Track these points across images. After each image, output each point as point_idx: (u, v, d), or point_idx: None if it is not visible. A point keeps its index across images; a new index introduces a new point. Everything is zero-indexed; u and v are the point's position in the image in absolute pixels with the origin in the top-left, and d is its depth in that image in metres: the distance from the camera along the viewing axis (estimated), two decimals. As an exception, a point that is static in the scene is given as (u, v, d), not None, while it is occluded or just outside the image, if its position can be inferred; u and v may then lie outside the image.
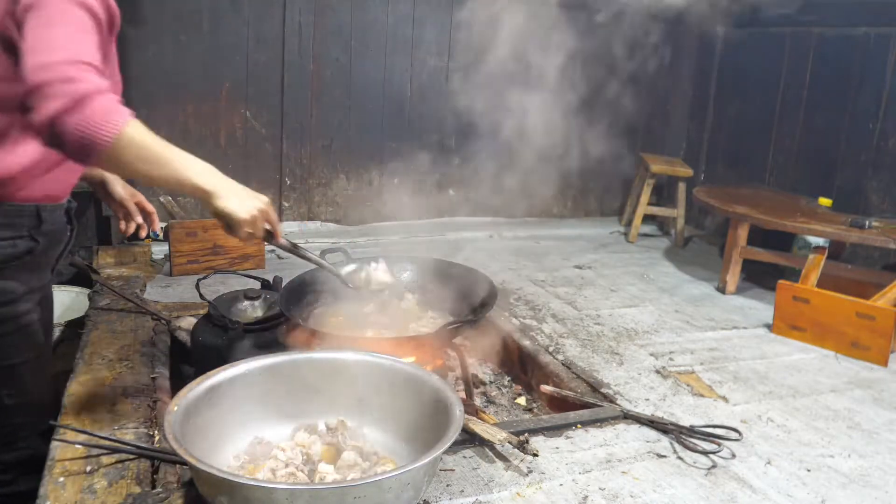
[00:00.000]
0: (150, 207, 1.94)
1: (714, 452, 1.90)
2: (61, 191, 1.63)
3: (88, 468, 1.57)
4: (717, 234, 4.50)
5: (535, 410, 2.44)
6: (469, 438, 1.82)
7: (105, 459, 1.60)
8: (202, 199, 1.45)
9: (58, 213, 1.63)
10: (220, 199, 1.44)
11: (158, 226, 1.95)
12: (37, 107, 1.25)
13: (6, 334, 1.55)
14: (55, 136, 1.27)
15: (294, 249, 1.73)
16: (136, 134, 1.32)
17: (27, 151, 1.47)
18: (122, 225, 1.92)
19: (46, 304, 1.75)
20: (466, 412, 1.69)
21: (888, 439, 2.10)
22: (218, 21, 3.76)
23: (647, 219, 4.55)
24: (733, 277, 3.45)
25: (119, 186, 1.89)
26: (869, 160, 3.70)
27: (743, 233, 3.40)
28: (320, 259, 1.87)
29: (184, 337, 2.45)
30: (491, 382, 2.61)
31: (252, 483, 1.28)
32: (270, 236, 1.59)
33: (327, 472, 1.46)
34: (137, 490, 1.51)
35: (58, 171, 1.57)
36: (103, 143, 1.27)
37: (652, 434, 2.01)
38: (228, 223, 1.47)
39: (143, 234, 1.95)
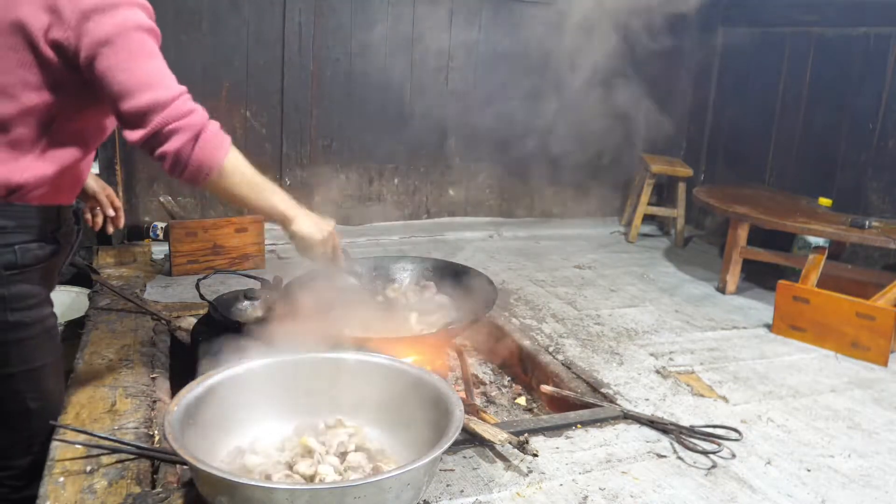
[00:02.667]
0: (117, 202, 1.95)
1: (714, 452, 1.90)
2: (75, 192, 1.64)
3: (88, 468, 1.57)
4: (717, 234, 4.50)
5: (535, 410, 2.44)
6: (469, 438, 1.82)
7: (105, 459, 1.60)
8: (283, 223, 1.65)
9: (69, 214, 1.64)
10: (300, 223, 1.66)
11: (122, 222, 1.96)
12: (162, 144, 1.41)
13: (33, 337, 1.55)
14: (178, 166, 1.43)
15: (350, 271, 1.96)
16: (237, 161, 1.51)
17: (57, 158, 1.49)
18: (89, 218, 1.92)
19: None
20: (466, 412, 1.69)
21: (888, 439, 2.10)
22: (218, 21, 3.76)
23: (647, 219, 4.55)
24: (733, 277, 3.45)
25: (91, 179, 1.89)
26: (869, 160, 3.70)
27: (743, 233, 3.40)
28: (369, 286, 2.09)
29: (184, 337, 2.45)
30: (491, 382, 2.61)
31: (252, 483, 1.28)
32: (335, 255, 1.78)
33: (327, 473, 1.46)
34: (137, 490, 1.51)
35: (75, 171, 1.58)
36: (216, 169, 1.46)
37: (652, 434, 2.01)
38: (306, 244, 1.68)
39: (110, 229, 1.95)
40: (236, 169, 1.50)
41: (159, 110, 1.40)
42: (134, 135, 1.42)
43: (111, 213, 1.92)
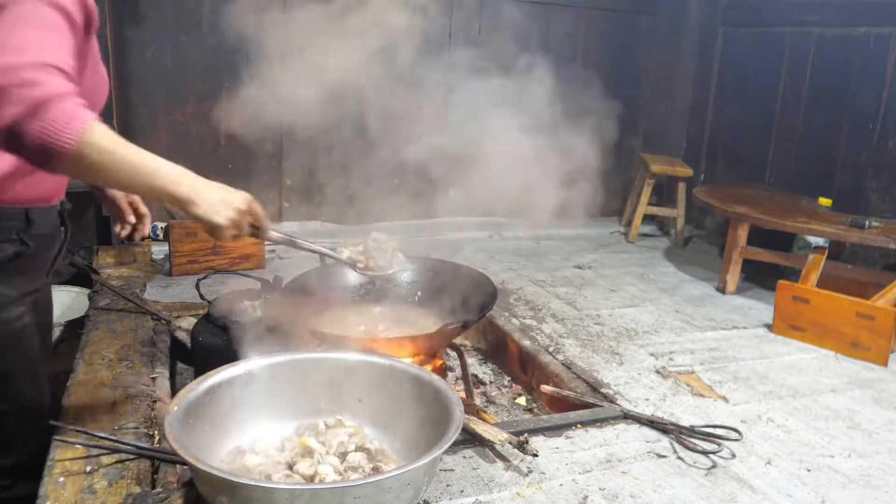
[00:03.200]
0: (143, 209, 1.88)
1: (714, 452, 1.90)
2: (52, 192, 1.59)
3: (88, 468, 1.57)
4: (717, 234, 4.50)
5: (535, 410, 2.44)
6: (469, 438, 1.82)
7: (105, 459, 1.60)
8: (178, 207, 1.38)
9: (50, 214, 1.60)
10: (194, 207, 1.37)
11: (148, 229, 1.89)
12: None
13: None
14: (14, 142, 1.20)
15: (289, 242, 1.66)
16: (100, 139, 1.23)
17: (5, 160, 1.43)
18: (118, 227, 1.88)
19: (43, 306, 1.72)
20: (466, 412, 1.69)
21: (888, 439, 2.10)
22: (218, 21, 3.76)
23: (647, 219, 4.55)
24: (733, 277, 3.45)
25: None
26: (869, 160, 3.70)
27: (743, 233, 3.40)
28: (319, 247, 1.79)
29: (184, 337, 2.45)
30: (491, 382, 2.61)
31: (252, 483, 1.28)
32: (259, 231, 1.50)
33: (327, 473, 1.46)
34: (137, 490, 1.51)
35: (40, 172, 1.49)
36: (64, 148, 1.19)
37: (652, 434, 2.01)
38: (209, 230, 1.42)
39: (138, 236, 1.89)
40: (95, 148, 1.22)
41: (4, 74, 1.17)
42: None
43: (132, 219, 1.85)
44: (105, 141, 1.24)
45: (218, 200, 1.39)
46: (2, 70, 1.18)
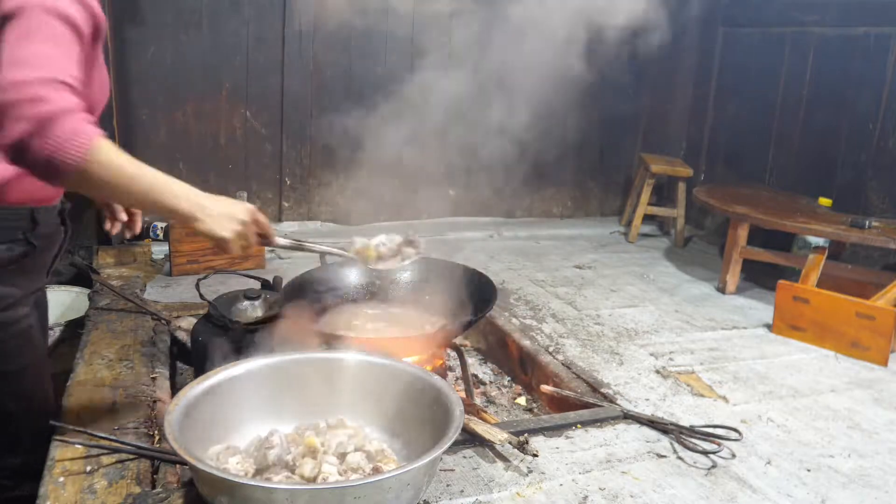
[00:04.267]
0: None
1: (714, 452, 1.90)
2: (55, 192, 1.60)
3: (88, 468, 1.57)
4: (717, 234, 4.50)
5: (535, 410, 2.44)
6: (469, 438, 1.82)
7: (105, 459, 1.60)
8: (181, 223, 1.42)
9: (52, 214, 1.61)
10: (198, 223, 1.40)
11: (139, 227, 1.88)
12: (3, 127, 1.20)
13: (5, 340, 1.53)
14: (21, 157, 1.22)
15: (296, 245, 1.66)
16: (106, 155, 1.26)
17: None
18: (108, 224, 1.89)
19: (42, 306, 1.73)
20: (466, 412, 1.69)
21: (888, 439, 2.10)
22: (218, 21, 3.76)
23: (647, 219, 4.55)
24: (733, 277, 3.45)
25: None
26: (869, 160, 3.70)
27: (743, 233, 3.40)
28: (327, 248, 1.78)
29: (184, 337, 2.45)
30: (491, 382, 2.61)
31: (252, 483, 1.28)
32: (266, 240, 1.52)
33: (331, 472, 1.46)
34: (137, 490, 1.51)
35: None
36: (69, 165, 1.22)
37: (652, 434, 2.01)
38: (216, 244, 1.44)
39: (128, 235, 1.89)
40: (101, 164, 1.25)
41: (13, 90, 1.19)
42: None
43: (124, 217, 1.84)
44: (110, 157, 1.26)
45: (221, 215, 1.41)
46: (10, 86, 1.20)
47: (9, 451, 1.61)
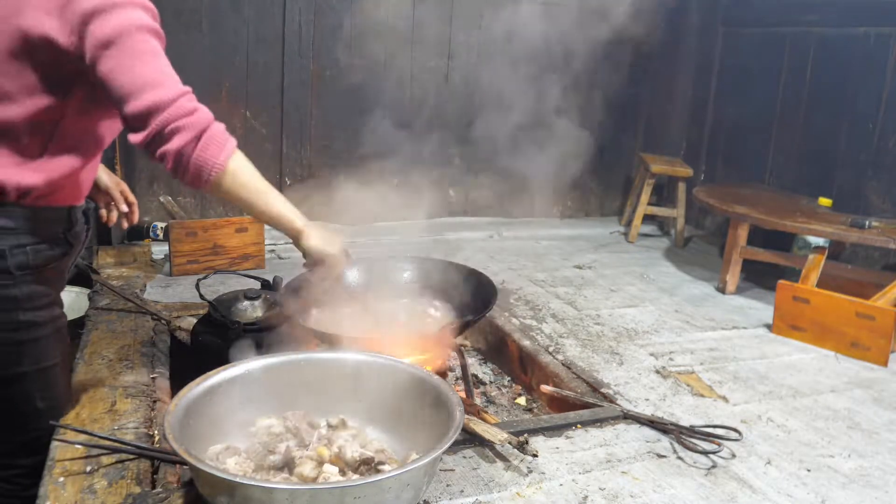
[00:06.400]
0: (132, 198, 1.94)
1: (714, 452, 1.90)
2: (84, 191, 1.64)
3: (88, 468, 1.57)
4: (717, 234, 4.50)
5: (535, 410, 2.44)
6: (469, 438, 1.82)
7: (105, 459, 1.60)
8: (292, 235, 1.63)
9: (79, 213, 1.64)
10: (310, 239, 1.65)
11: (137, 217, 1.95)
12: (163, 144, 1.39)
13: (45, 337, 1.56)
14: (179, 166, 1.41)
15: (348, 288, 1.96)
16: (242, 164, 1.49)
17: (66, 160, 1.49)
18: (104, 213, 1.91)
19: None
20: (467, 412, 1.69)
21: (888, 439, 2.10)
22: (218, 21, 3.76)
23: (647, 219, 4.55)
24: (733, 277, 3.45)
25: (104, 174, 1.89)
26: (869, 160, 3.70)
27: (743, 233, 3.40)
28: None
29: (184, 337, 2.45)
30: (491, 382, 2.61)
31: (252, 483, 1.28)
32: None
33: (332, 472, 1.46)
34: (137, 490, 1.51)
35: (84, 172, 1.59)
36: (218, 170, 1.43)
37: (652, 434, 2.01)
38: (320, 259, 1.67)
39: (126, 225, 1.94)
40: (241, 172, 1.48)
41: (161, 110, 1.37)
42: (136, 137, 1.41)
43: (125, 208, 1.91)
44: (244, 166, 1.50)
45: (326, 235, 1.68)
46: (164, 103, 1.38)
47: (31, 450, 1.63)
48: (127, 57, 1.36)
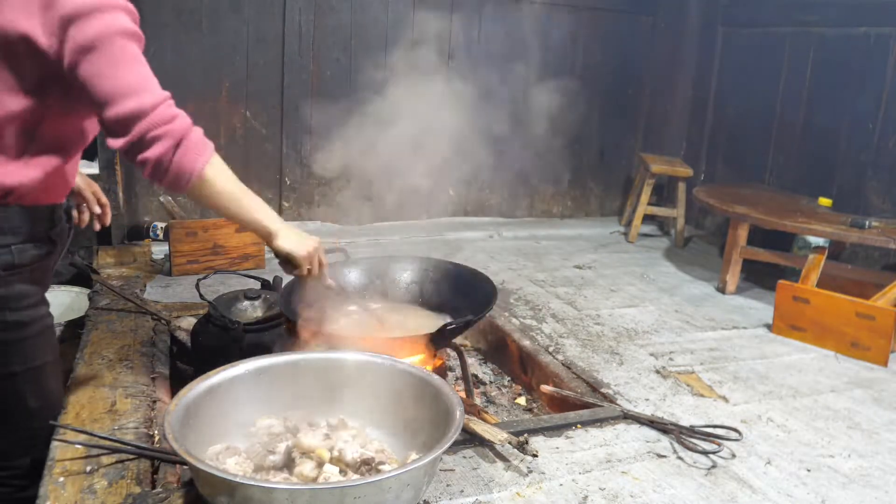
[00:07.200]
0: (104, 199, 1.92)
1: (714, 452, 1.90)
2: (66, 189, 1.64)
3: (88, 468, 1.57)
4: (717, 234, 4.50)
5: (535, 410, 2.44)
6: (469, 438, 1.82)
7: (105, 459, 1.60)
8: (265, 237, 1.67)
9: (60, 213, 1.64)
10: (282, 240, 1.66)
11: (109, 219, 1.94)
12: (144, 150, 1.40)
13: (32, 336, 1.56)
14: (158, 172, 1.43)
15: (339, 290, 1.96)
16: (219, 169, 1.52)
17: (46, 160, 1.49)
18: (76, 214, 1.91)
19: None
20: (467, 412, 1.69)
21: (888, 439, 2.10)
22: (218, 21, 3.76)
23: (647, 219, 4.55)
24: (733, 277, 3.45)
25: (77, 177, 1.88)
26: (869, 160, 3.70)
27: (743, 233, 3.40)
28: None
29: (184, 337, 2.45)
30: (491, 382, 2.61)
31: (252, 483, 1.28)
32: (320, 272, 1.78)
33: (333, 472, 1.46)
34: (137, 490, 1.51)
35: (67, 169, 1.58)
36: (196, 175, 1.46)
37: (652, 434, 2.01)
38: (290, 261, 1.69)
39: (97, 227, 1.93)
40: (218, 177, 1.51)
41: (142, 117, 1.38)
42: (116, 142, 1.41)
43: (97, 210, 1.90)
44: (221, 172, 1.53)
45: (299, 237, 1.70)
46: (145, 110, 1.39)
47: (25, 450, 1.63)
48: (108, 62, 1.36)
